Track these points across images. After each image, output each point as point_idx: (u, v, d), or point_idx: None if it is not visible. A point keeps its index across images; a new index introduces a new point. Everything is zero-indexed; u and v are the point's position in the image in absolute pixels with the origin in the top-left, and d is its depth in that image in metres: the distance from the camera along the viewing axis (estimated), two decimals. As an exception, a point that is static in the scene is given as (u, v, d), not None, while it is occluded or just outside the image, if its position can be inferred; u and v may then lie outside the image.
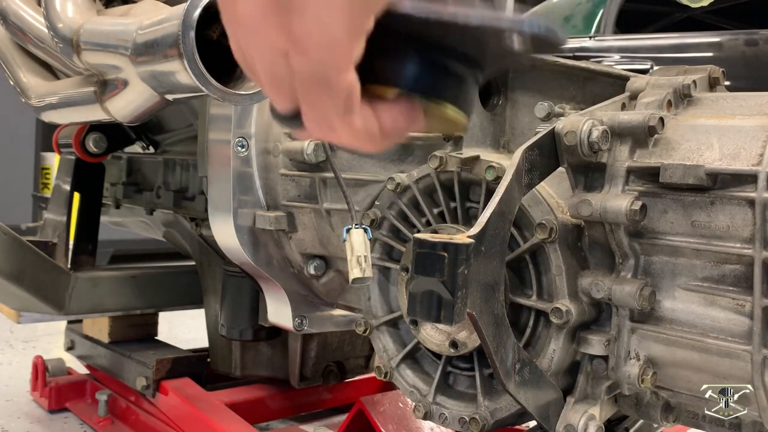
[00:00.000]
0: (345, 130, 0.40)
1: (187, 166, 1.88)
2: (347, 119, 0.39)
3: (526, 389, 0.90)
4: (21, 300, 1.65)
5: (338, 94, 0.38)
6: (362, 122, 0.40)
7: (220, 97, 1.02)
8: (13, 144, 4.58)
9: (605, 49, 3.41)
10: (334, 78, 0.37)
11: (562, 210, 0.97)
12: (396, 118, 0.42)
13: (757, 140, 0.85)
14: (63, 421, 2.00)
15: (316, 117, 0.39)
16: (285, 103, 0.39)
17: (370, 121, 0.40)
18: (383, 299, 1.19)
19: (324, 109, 0.38)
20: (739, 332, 0.85)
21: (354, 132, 0.40)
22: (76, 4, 1.26)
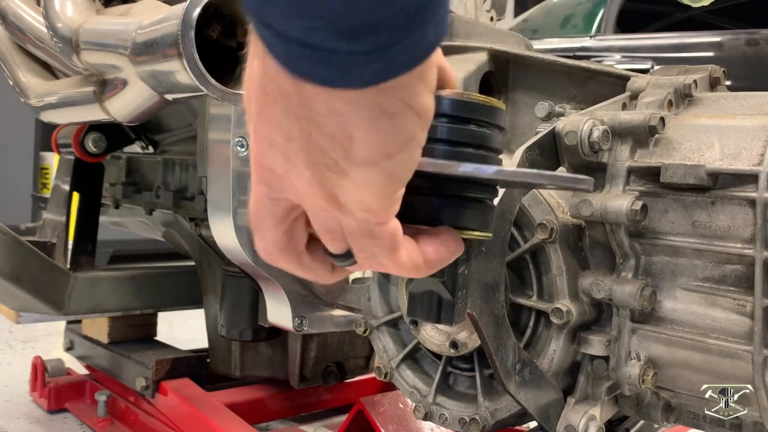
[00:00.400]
0: (392, 265, 0.45)
1: (187, 166, 1.88)
2: (393, 257, 0.44)
3: (527, 390, 0.90)
4: (20, 300, 1.64)
5: (382, 241, 0.43)
6: (407, 256, 0.45)
7: (219, 96, 1.02)
8: (12, 144, 4.57)
9: (606, 48, 3.41)
10: (377, 230, 0.42)
11: (563, 210, 0.97)
12: (437, 249, 0.47)
13: (758, 140, 0.85)
14: (62, 422, 1.99)
15: (365, 257, 0.44)
16: (338, 247, 0.44)
17: (414, 254, 0.46)
18: (383, 299, 1.19)
19: (372, 252, 0.44)
20: (740, 332, 0.85)
21: (400, 265, 0.45)
22: (75, 4, 1.26)
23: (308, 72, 0.37)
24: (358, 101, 0.37)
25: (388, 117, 0.38)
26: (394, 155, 0.39)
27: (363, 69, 0.36)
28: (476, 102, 0.48)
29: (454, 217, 0.48)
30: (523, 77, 1.17)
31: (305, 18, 0.34)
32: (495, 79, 1.19)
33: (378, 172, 0.40)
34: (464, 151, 0.48)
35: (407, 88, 0.38)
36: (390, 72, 0.37)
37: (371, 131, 0.38)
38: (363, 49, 0.35)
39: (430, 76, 0.40)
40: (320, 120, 0.38)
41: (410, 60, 0.37)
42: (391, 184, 0.41)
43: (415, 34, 0.36)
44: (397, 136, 0.39)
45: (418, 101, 0.39)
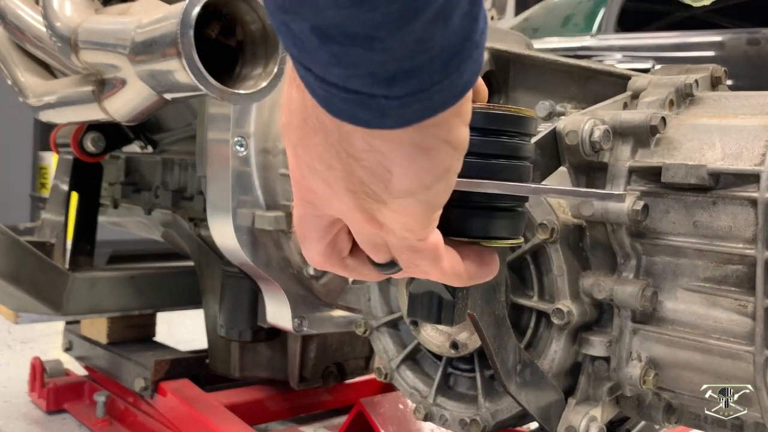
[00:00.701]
0: (435, 273, 0.47)
1: (186, 165, 1.87)
2: (437, 266, 0.46)
3: (527, 390, 0.89)
4: (19, 300, 1.64)
5: (425, 254, 0.45)
6: (449, 265, 0.47)
7: (218, 96, 1.01)
8: (10, 143, 4.56)
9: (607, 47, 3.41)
10: (419, 245, 0.44)
11: (564, 210, 0.96)
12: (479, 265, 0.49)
13: (760, 140, 0.85)
14: (61, 422, 1.99)
15: (409, 267, 0.46)
16: (381, 258, 0.47)
17: (456, 263, 0.48)
18: (383, 300, 1.18)
19: (416, 263, 0.46)
20: (742, 333, 0.84)
21: (444, 273, 0.47)
22: (74, 3, 1.26)
23: (347, 114, 0.37)
24: (396, 139, 0.38)
25: (426, 152, 0.39)
26: (432, 186, 0.41)
27: (402, 110, 0.37)
28: (507, 114, 0.49)
29: (484, 228, 0.49)
30: (524, 76, 1.16)
31: (344, 67, 0.35)
32: (495, 78, 1.18)
33: (416, 201, 0.41)
34: (497, 163, 0.48)
35: (444, 125, 0.39)
36: (428, 111, 0.37)
37: (409, 166, 0.39)
38: (402, 93, 0.36)
39: (466, 110, 0.40)
40: (360, 155, 0.39)
41: (449, 99, 0.38)
42: (429, 212, 0.42)
43: (453, 74, 0.36)
44: (434, 170, 0.40)
45: (455, 136, 0.40)
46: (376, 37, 0.33)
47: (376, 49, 0.33)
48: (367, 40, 0.33)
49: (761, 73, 3.07)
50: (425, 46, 0.34)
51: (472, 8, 0.35)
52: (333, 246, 0.47)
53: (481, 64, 0.38)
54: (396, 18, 0.32)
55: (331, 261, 0.48)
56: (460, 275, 0.48)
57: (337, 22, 0.33)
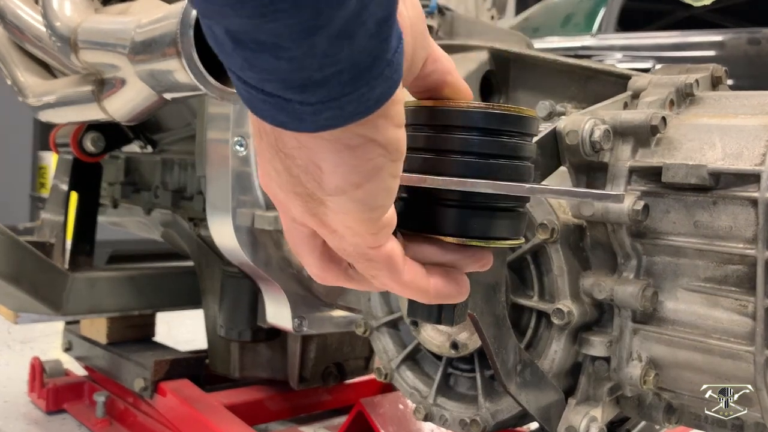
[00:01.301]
0: (396, 286, 0.46)
1: (186, 165, 1.87)
2: (394, 278, 0.45)
3: (528, 391, 0.89)
4: (18, 300, 1.64)
5: (379, 264, 0.44)
6: (411, 280, 0.46)
7: (218, 96, 1.01)
8: (10, 143, 4.56)
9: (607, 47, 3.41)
10: (371, 253, 0.44)
11: (564, 210, 0.96)
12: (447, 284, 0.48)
13: (760, 140, 0.85)
14: (61, 423, 1.99)
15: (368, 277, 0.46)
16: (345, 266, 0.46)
17: (420, 279, 0.47)
18: (383, 300, 1.18)
19: (372, 273, 0.45)
20: (742, 333, 0.84)
21: (404, 288, 0.46)
22: (74, 3, 1.26)
23: (268, 115, 0.39)
24: (321, 137, 0.39)
25: (351, 150, 0.40)
26: (362, 185, 0.41)
27: (315, 116, 0.38)
28: (507, 113, 0.49)
29: (484, 228, 0.49)
30: (524, 76, 1.16)
31: (256, 72, 0.36)
32: (496, 78, 1.18)
33: (349, 200, 0.41)
34: (497, 163, 0.48)
35: (369, 125, 0.40)
36: (341, 120, 0.38)
37: (337, 163, 0.40)
38: (313, 100, 0.37)
39: (393, 112, 0.41)
40: (292, 153, 0.40)
41: (360, 110, 0.38)
42: (367, 212, 0.42)
43: (362, 88, 0.37)
44: (361, 168, 0.40)
45: (382, 136, 0.40)
46: (282, 47, 0.35)
47: (283, 58, 0.35)
48: (274, 48, 0.35)
49: (762, 73, 3.07)
50: (332, 60, 0.36)
51: (380, 30, 0.36)
52: (327, 257, 0.47)
53: (398, 80, 0.39)
54: (297, 30, 0.34)
55: (331, 272, 0.48)
56: (426, 291, 0.47)
57: (245, 29, 0.34)
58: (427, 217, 0.48)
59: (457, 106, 0.48)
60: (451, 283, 0.48)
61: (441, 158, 0.47)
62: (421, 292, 0.47)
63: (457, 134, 0.47)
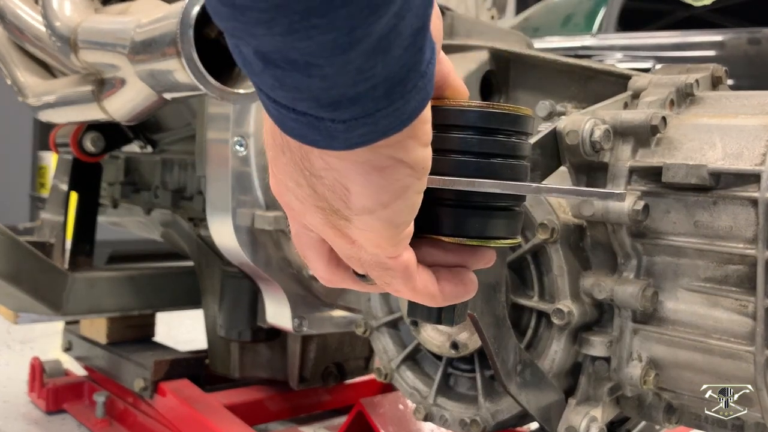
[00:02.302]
0: (408, 292, 0.47)
1: (186, 165, 1.87)
2: (408, 286, 0.46)
3: (528, 391, 0.89)
4: (18, 300, 1.64)
5: (395, 272, 0.45)
6: (423, 286, 0.47)
7: (218, 96, 1.01)
8: (10, 143, 4.56)
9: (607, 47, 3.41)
10: (389, 262, 0.44)
11: (564, 210, 0.96)
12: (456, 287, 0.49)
13: (760, 139, 0.85)
14: (61, 423, 1.98)
15: (381, 283, 0.47)
16: (358, 270, 0.47)
17: (430, 283, 0.47)
18: (383, 300, 1.18)
19: (386, 280, 0.46)
20: (742, 333, 0.84)
21: (416, 294, 0.47)
22: (73, 3, 1.26)
23: (298, 134, 0.38)
24: (350, 158, 0.39)
25: (380, 172, 0.40)
26: (389, 205, 0.41)
27: (348, 134, 0.37)
28: (503, 112, 0.49)
29: (482, 228, 0.49)
30: (524, 76, 1.16)
31: (287, 90, 0.35)
32: (496, 78, 1.18)
33: (376, 219, 0.41)
34: (493, 162, 0.48)
35: (397, 146, 0.39)
36: (374, 136, 0.38)
37: (365, 185, 0.40)
38: (346, 117, 0.36)
39: (421, 132, 0.40)
40: (319, 173, 0.40)
41: (394, 125, 0.38)
42: (392, 229, 0.42)
43: (397, 102, 0.37)
44: (389, 188, 0.40)
45: (410, 156, 0.40)
46: (314, 65, 0.34)
47: (315, 76, 0.34)
48: (306, 66, 0.34)
49: (762, 73, 3.07)
50: (366, 75, 0.35)
51: (415, 40, 0.35)
52: (336, 261, 0.47)
53: (430, 92, 0.39)
54: (331, 47, 0.33)
55: (338, 276, 0.48)
56: (434, 296, 0.48)
57: (275, 48, 0.33)
58: (427, 218, 0.48)
59: (456, 105, 0.48)
60: (458, 284, 0.49)
61: (441, 158, 0.47)
62: (432, 297, 0.48)
63: (457, 134, 0.47)
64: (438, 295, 0.48)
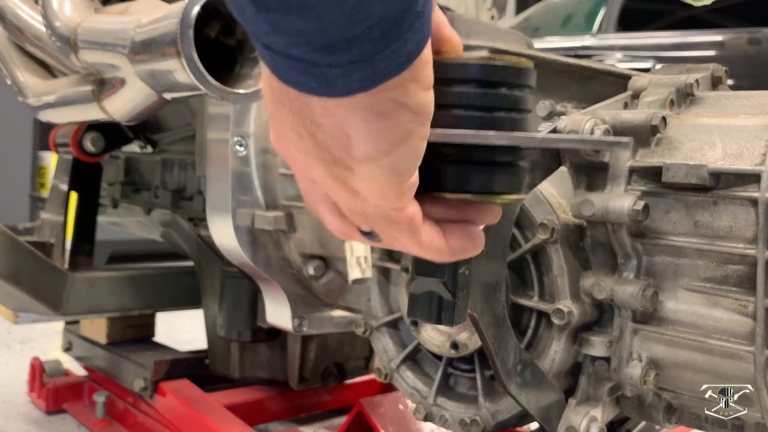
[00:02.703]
0: (414, 247, 0.46)
1: (186, 165, 1.87)
2: (414, 239, 0.45)
3: (528, 391, 0.89)
4: (18, 300, 1.64)
5: (400, 225, 0.44)
6: (429, 240, 0.46)
7: (218, 96, 1.01)
8: (9, 143, 4.56)
9: (607, 47, 3.41)
10: (394, 215, 0.43)
11: (564, 210, 0.96)
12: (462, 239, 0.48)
13: (761, 139, 0.85)
14: (61, 423, 1.98)
15: (387, 238, 0.46)
16: (363, 227, 0.46)
17: (437, 239, 0.47)
18: (383, 300, 1.18)
19: (392, 234, 0.45)
20: (742, 333, 0.84)
21: (422, 248, 0.46)
22: (73, 3, 1.26)
23: (295, 82, 0.37)
24: (350, 103, 0.38)
25: (380, 116, 0.39)
26: (392, 151, 0.40)
27: (345, 78, 0.36)
28: (505, 65, 0.48)
29: (486, 183, 0.48)
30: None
31: (283, 35, 0.35)
32: (495, 78, 1.18)
33: (379, 167, 0.40)
34: (497, 116, 0.47)
35: (398, 89, 0.38)
36: (373, 80, 0.37)
37: (366, 130, 0.39)
38: (343, 61, 0.36)
39: (422, 74, 0.40)
40: (319, 121, 0.39)
41: (392, 67, 0.37)
42: (395, 177, 0.41)
43: (394, 43, 0.36)
44: (391, 134, 0.39)
45: (411, 99, 0.39)
46: (308, 6, 0.33)
47: (310, 18, 0.34)
48: (301, 8, 0.33)
49: (762, 73, 3.07)
50: (361, 16, 0.34)
51: None
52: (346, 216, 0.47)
53: (428, 34, 0.38)
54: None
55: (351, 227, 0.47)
56: (441, 250, 0.47)
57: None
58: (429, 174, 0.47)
59: (457, 59, 0.47)
60: (465, 238, 0.48)
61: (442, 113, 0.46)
62: (438, 252, 0.47)
63: (458, 88, 0.46)
64: (445, 249, 0.47)
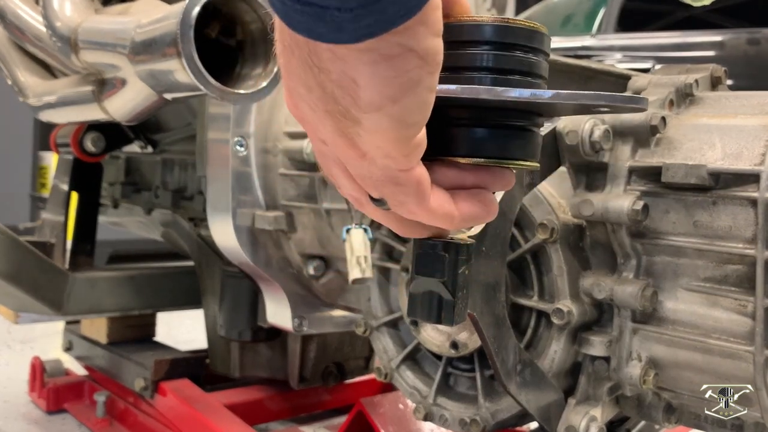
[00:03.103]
0: (423, 213, 0.45)
1: (186, 165, 1.87)
2: (422, 204, 0.44)
3: (527, 390, 0.89)
4: (19, 300, 1.64)
5: (408, 188, 0.43)
6: (438, 205, 0.45)
7: (218, 96, 1.01)
8: (10, 143, 4.57)
9: (607, 47, 3.41)
10: (401, 176, 0.43)
11: (564, 210, 0.96)
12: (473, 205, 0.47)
13: (760, 140, 0.85)
14: (61, 422, 1.99)
15: (395, 204, 0.45)
16: (372, 193, 0.45)
17: (446, 204, 0.46)
18: (383, 300, 1.18)
19: (399, 199, 0.44)
20: (742, 333, 0.84)
21: (431, 214, 0.45)
22: (74, 3, 1.26)
23: (304, 28, 0.37)
24: (357, 48, 0.37)
25: (389, 61, 0.38)
26: (399, 99, 0.39)
27: (355, 23, 0.36)
28: (521, 27, 0.47)
29: (499, 147, 0.47)
30: (524, 76, 1.16)
31: None
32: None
33: (385, 116, 0.40)
34: (511, 79, 0.46)
35: (407, 33, 0.38)
36: (383, 25, 0.36)
37: (373, 75, 0.38)
38: (353, 5, 0.35)
39: (432, 19, 0.39)
40: (328, 67, 0.39)
41: (402, 12, 0.37)
42: (402, 129, 0.41)
43: None
44: (398, 80, 0.39)
45: (421, 45, 0.39)
46: None
47: None
48: None
49: (761, 73, 3.07)
50: None
51: None
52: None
53: None
54: None
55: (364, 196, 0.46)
56: (452, 216, 0.46)
57: None
58: (441, 139, 0.46)
59: (471, 20, 0.46)
60: (476, 204, 0.47)
61: (456, 76, 0.46)
62: (448, 218, 0.46)
63: (473, 50, 0.46)
64: (456, 214, 0.46)
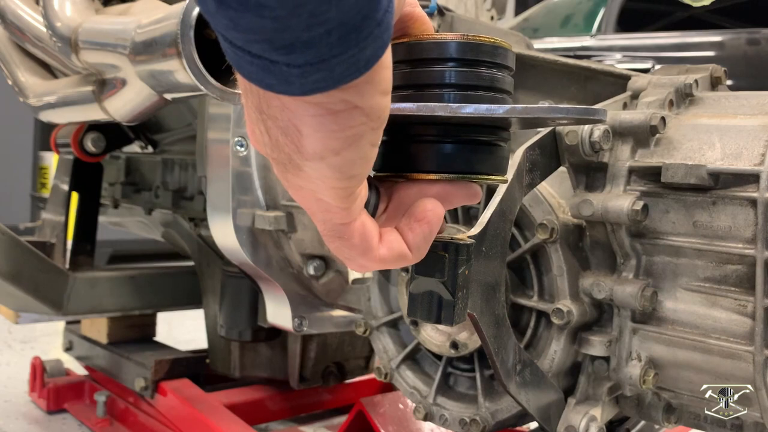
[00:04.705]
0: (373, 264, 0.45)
1: (186, 165, 1.87)
2: (369, 256, 0.44)
3: (527, 390, 0.90)
4: (19, 300, 1.64)
5: (352, 242, 0.43)
6: (388, 251, 0.45)
7: (218, 96, 1.01)
8: (11, 143, 4.57)
9: (607, 48, 3.41)
10: (343, 230, 0.43)
11: (564, 210, 0.96)
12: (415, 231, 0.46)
13: (759, 140, 0.85)
14: (61, 422, 1.99)
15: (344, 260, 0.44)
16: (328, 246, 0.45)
17: (396, 244, 0.45)
18: (383, 300, 1.18)
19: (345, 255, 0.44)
20: (741, 333, 0.85)
21: (383, 263, 0.45)
22: (74, 3, 1.26)
23: (255, 78, 0.38)
24: (305, 100, 0.38)
25: (333, 115, 0.39)
26: (341, 152, 0.40)
27: (303, 79, 0.37)
28: (483, 43, 0.47)
29: (467, 162, 0.47)
30: (524, 76, 1.16)
31: (241, 32, 0.35)
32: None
33: (326, 166, 0.40)
34: (475, 95, 0.47)
35: (353, 91, 0.39)
36: (330, 82, 0.37)
37: (317, 127, 0.39)
38: (301, 62, 0.36)
39: (380, 78, 0.40)
40: (276, 114, 0.40)
41: (351, 72, 0.37)
42: (342, 180, 0.41)
43: (352, 49, 0.36)
44: (341, 134, 0.40)
45: (366, 102, 0.39)
46: (266, 6, 0.33)
47: (266, 17, 0.34)
48: (258, 7, 0.33)
49: (761, 73, 3.07)
50: (319, 19, 0.34)
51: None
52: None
53: (387, 41, 0.38)
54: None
55: None
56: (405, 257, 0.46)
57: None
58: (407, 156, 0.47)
59: (433, 38, 0.47)
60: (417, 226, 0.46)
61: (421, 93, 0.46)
62: (402, 259, 0.46)
63: (436, 67, 0.46)
64: (408, 253, 0.46)
